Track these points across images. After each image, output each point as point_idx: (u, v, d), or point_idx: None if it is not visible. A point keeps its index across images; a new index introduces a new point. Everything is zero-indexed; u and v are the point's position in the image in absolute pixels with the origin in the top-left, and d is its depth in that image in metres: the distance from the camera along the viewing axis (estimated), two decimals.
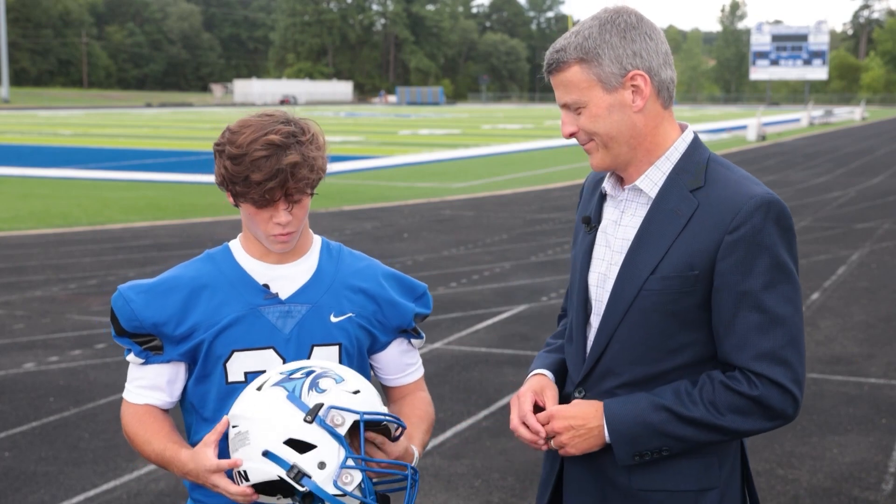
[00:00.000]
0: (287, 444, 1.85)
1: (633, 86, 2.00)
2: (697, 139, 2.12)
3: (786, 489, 4.79)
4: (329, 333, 2.14)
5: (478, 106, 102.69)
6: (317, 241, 2.22)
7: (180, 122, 50.10)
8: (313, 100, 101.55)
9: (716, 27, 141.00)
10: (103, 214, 14.40)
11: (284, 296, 2.13)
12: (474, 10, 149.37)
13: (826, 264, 10.70)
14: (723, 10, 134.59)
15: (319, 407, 1.87)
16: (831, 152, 29.26)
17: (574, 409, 2.08)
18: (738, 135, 38.83)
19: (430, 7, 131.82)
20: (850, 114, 64.62)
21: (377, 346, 2.23)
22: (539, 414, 2.11)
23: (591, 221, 2.18)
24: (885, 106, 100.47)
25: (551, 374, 2.22)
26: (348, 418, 1.87)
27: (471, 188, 18.77)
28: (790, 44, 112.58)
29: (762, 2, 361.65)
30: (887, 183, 20.04)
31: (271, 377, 1.96)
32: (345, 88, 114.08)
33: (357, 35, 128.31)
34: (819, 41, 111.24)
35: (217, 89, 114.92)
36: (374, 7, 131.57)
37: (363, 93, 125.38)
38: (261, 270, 2.14)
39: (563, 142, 29.66)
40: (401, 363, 2.28)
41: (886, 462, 5.12)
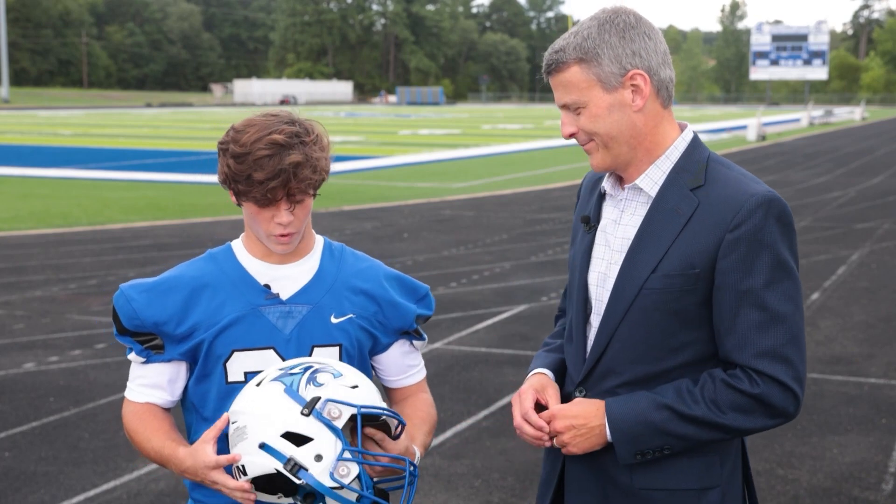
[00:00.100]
0: (284, 437, 1.85)
1: (633, 85, 2.01)
2: (697, 138, 2.12)
3: (786, 489, 4.79)
4: (329, 334, 2.13)
5: (478, 106, 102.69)
6: (319, 242, 2.22)
7: (180, 122, 50.10)
8: (313, 100, 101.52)
9: (716, 27, 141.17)
10: (103, 214, 14.40)
11: (285, 296, 2.13)
12: (474, 10, 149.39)
13: (826, 264, 10.70)
14: (723, 10, 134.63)
15: (317, 400, 1.86)
16: (831, 152, 29.26)
17: (575, 408, 2.08)
18: (738, 135, 38.84)
19: (430, 7, 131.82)
20: (850, 114, 64.62)
21: (378, 347, 2.23)
22: (541, 413, 2.11)
23: (591, 221, 2.18)
24: (885, 106, 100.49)
25: (551, 374, 2.22)
26: (345, 411, 1.87)
27: (471, 188, 18.77)
28: (790, 44, 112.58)
29: (762, 2, 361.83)
30: (887, 183, 20.04)
31: (270, 373, 1.96)
32: (345, 88, 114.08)
33: (357, 35, 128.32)
34: (819, 41, 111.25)
35: (217, 89, 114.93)
36: (374, 7, 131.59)
37: (363, 93, 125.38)
38: (262, 270, 2.14)
39: (563, 142, 29.65)
40: (402, 365, 2.28)
41: (886, 462, 5.12)
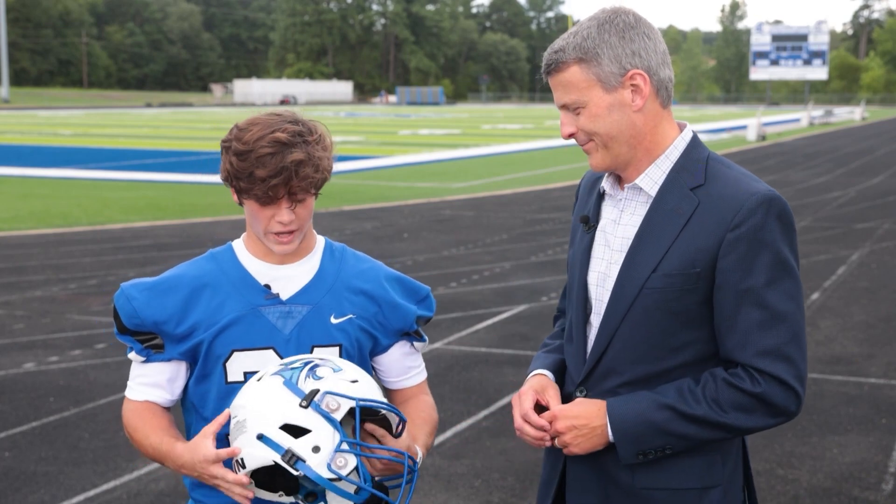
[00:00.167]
0: (283, 429, 1.85)
1: (633, 85, 2.01)
2: (696, 138, 2.12)
3: (786, 489, 4.79)
4: (329, 334, 2.13)
5: (478, 106, 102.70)
6: (320, 242, 2.22)
7: (180, 122, 50.10)
8: (313, 100, 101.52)
9: (716, 27, 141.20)
10: (103, 214, 14.40)
11: (285, 296, 2.13)
12: (474, 10, 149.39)
13: (826, 264, 10.70)
14: (723, 10, 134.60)
15: (315, 392, 1.86)
16: (831, 152, 29.26)
17: (577, 408, 2.08)
18: (738, 135, 38.84)
19: (430, 7, 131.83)
20: (850, 114, 64.62)
21: (379, 348, 2.23)
22: (543, 414, 2.11)
23: (590, 221, 2.18)
24: (885, 106, 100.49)
25: (551, 374, 2.22)
26: (344, 404, 1.87)
27: (471, 188, 18.77)
28: (790, 44, 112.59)
29: (762, 2, 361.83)
30: (887, 183, 20.04)
31: (271, 368, 1.97)
32: (345, 88, 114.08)
33: (357, 35, 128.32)
34: (819, 41, 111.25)
35: (217, 89, 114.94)
36: (374, 7, 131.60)
37: (363, 93, 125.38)
38: (263, 270, 2.14)
39: (563, 142, 29.64)
40: (403, 366, 2.28)
41: (886, 462, 5.12)
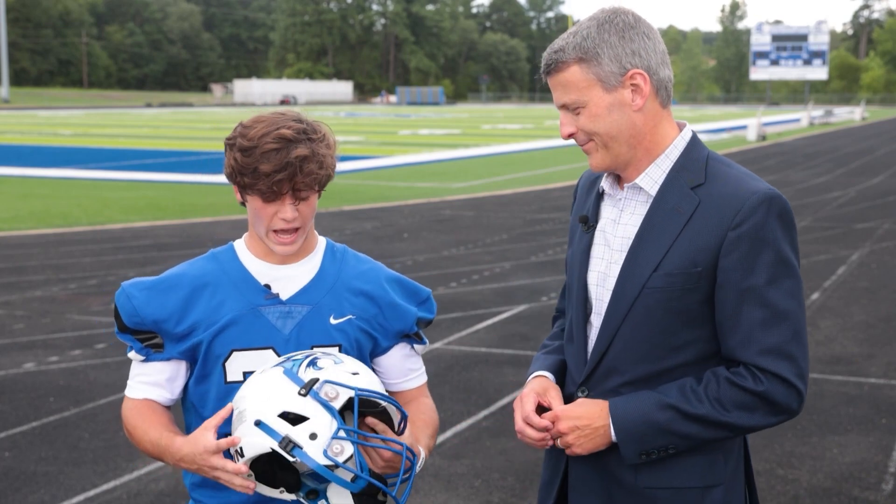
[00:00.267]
0: (281, 416, 1.85)
1: (633, 84, 2.01)
2: (696, 137, 2.12)
3: (786, 489, 4.79)
4: (328, 335, 2.13)
5: (478, 106, 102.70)
6: (321, 243, 2.22)
7: (180, 122, 50.10)
8: (313, 100, 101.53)
9: (716, 27, 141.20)
10: (103, 214, 14.40)
11: (285, 296, 2.13)
12: (474, 10, 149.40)
13: (826, 264, 10.70)
14: (723, 10, 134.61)
15: (315, 381, 1.87)
16: (831, 152, 29.26)
17: (579, 409, 2.08)
18: (738, 135, 38.84)
19: (430, 7, 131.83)
20: (850, 114, 64.62)
21: (378, 349, 2.23)
22: (545, 414, 2.11)
23: (589, 221, 2.17)
24: (885, 106, 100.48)
25: (552, 376, 2.22)
26: (343, 393, 1.87)
27: (471, 188, 18.77)
28: (790, 44, 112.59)
29: (762, 2, 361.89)
30: (887, 183, 20.04)
31: (274, 361, 1.98)
32: (345, 88, 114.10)
33: (357, 35, 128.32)
34: (819, 41, 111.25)
35: (217, 89, 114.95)
36: (374, 7, 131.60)
37: (363, 93, 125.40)
38: (264, 270, 2.14)
39: (562, 142, 29.62)
40: (403, 368, 2.27)
41: (886, 462, 5.12)
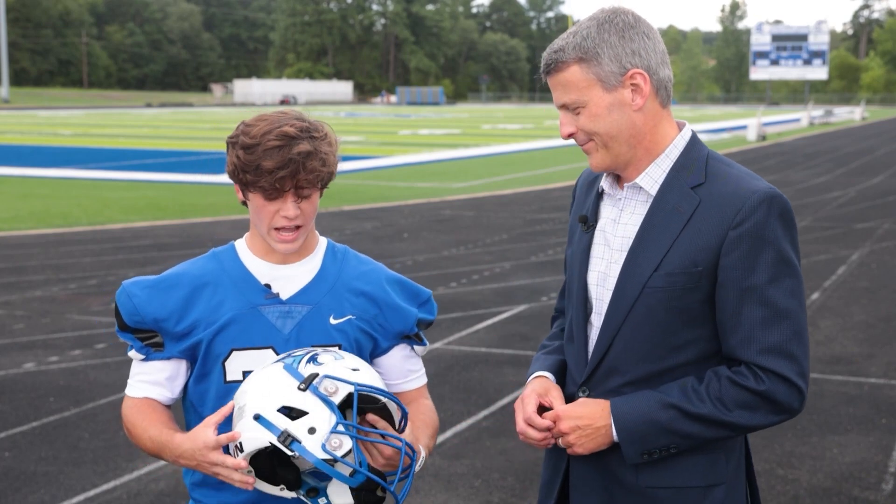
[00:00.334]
0: (280, 411, 1.85)
1: (633, 84, 2.01)
2: (696, 136, 2.12)
3: (786, 489, 4.79)
4: (328, 335, 2.13)
5: (478, 106, 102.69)
6: (322, 243, 2.22)
7: (180, 122, 50.10)
8: (313, 100, 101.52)
9: (716, 27, 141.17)
10: (103, 214, 14.40)
11: (286, 296, 2.13)
12: (474, 10, 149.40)
13: (826, 264, 10.70)
14: (723, 10, 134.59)
15: (314, 376, 1.87)
16: (831, 152, 29.26)
17: (581, 408, 2.08)
18: (738, 135, 38.84)
19: (430, 7, 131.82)
20: (850, 114, 64.61)
21: (378, 350, 2.23)
22: (546, 414, 2.11)
23: (588, 220, 2.17)
24: (885, 106, 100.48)
25: (552, 376, 2.21)
26: (342, 388, 1.87)
27: (471, 188, 18.77)
28: (790, 44, 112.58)
29: (762, 2, 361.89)
30: (887, 183, 20.04)
31: (275, 358, 1.98)
32: (345, 88, 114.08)
33: (357, 35, 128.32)
34: (819, 41, 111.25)
35: (217, 89, 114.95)
36: (374, 7, 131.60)
37: (363, 93, 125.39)
38: (264, 270, 2.15)
39: (562, 142, 29.62)
40: (403, 369, 2.27)
41: (886, 462, 5.12)
